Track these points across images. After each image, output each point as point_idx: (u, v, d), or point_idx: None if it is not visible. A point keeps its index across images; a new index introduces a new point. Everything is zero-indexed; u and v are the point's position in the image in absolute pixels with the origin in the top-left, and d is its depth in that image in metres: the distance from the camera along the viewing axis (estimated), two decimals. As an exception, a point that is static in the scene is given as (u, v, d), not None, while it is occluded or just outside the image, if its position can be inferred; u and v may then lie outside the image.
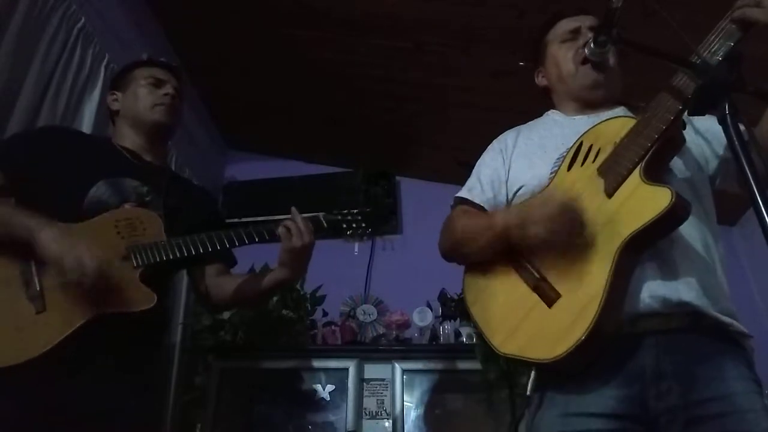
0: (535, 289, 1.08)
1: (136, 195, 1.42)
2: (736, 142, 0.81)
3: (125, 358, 1.27)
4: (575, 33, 1.31)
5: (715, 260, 1.11)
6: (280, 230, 1.40)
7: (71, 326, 1.16)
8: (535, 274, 1.09)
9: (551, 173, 1.19)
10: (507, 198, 1.28)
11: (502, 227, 1.12)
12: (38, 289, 1.19)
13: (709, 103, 0.87)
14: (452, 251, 1.28)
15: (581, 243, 1.04)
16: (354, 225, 1.56)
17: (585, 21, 1.30)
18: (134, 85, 1.57)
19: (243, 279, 1.54)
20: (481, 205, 1.29)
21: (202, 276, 1.56)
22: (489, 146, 1.40)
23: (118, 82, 1.64)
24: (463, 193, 1.35)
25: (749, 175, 0.78)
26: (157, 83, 1.57)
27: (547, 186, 1.17)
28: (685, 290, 1.02)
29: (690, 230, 1.08)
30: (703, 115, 0.92)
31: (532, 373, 1.07)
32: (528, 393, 1.07)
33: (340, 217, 1.55)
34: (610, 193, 1.06)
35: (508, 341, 1.08)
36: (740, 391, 0.98)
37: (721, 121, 0.85)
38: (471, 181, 1.36)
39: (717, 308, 1.03)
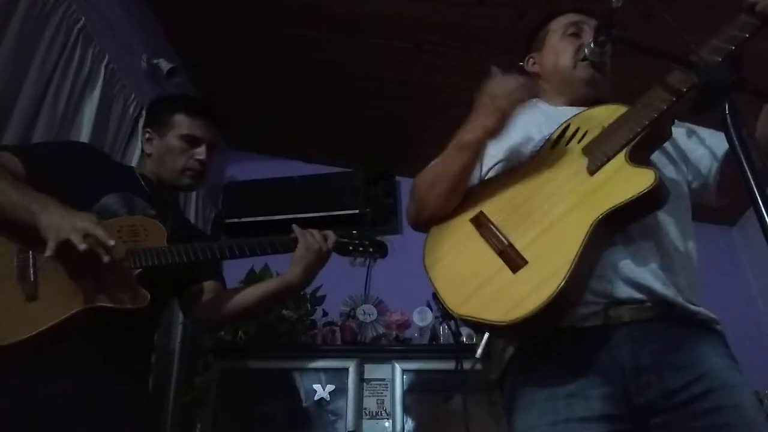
0: (501, 254, 1.05)
1: (144, 212, 1.44)
2: (736, 142, 0.81)
3: (113, 356, 1.28)
4: (578, 27, 1.31)
5: (687, 255, 1.11)
6: (298, 231, 1.45)
7: (59, 316, 1.16)
8: (503, 240, 1.07)
9: (532, 152, 1.19)
10: (481, 173, 1.26)
11: (475, 133, 1.14)
12: (32, 279, 1.20)
13: (709, 103, 0.87)
14: (421, 205, 1.21)
15: (555, 214, 1.04)
16: (361, 249, 1.61)
17: (589, 20, 1.32)
18: (171, 135, 1.55)
19: (245, 289, 1.56)
20: None
21: (199, 294, 1.56)
22: None
23: (155, 119, 1.62)
24: None
25: (749, 175, 0.78)
26: (194, 142, 1.56)
27: (528, 162, 1.16)
28: (653, 278, 1.02)
29: (665, 222, 1.09)
30: (703, 114, 0.92)
31: (485, 336, 1.05)
32: (477, 356, 1.05)
33: (347, 240, 1.60)
34: (592, 171, 1.05)
35: (465, 303, 1.04)
36: (722, 366, 1.00)
37: (721, 122, 0.84)
38: None
39: (684, 297, 1.03)
